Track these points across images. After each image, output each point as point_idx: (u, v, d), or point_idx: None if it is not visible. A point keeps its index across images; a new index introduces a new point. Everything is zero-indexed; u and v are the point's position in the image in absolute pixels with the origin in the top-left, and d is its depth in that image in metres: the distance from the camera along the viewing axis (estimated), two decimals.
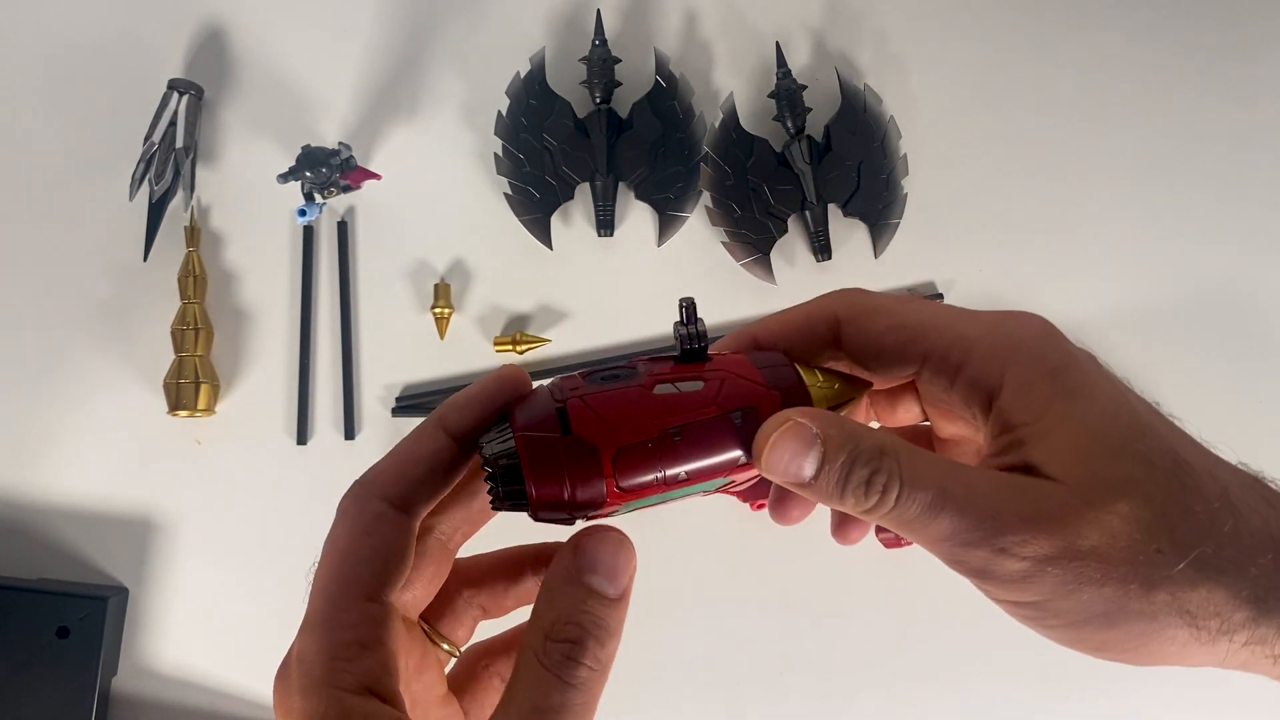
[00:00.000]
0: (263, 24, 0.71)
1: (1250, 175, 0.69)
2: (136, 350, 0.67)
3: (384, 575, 0.29)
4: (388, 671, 0.28)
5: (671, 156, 0.68)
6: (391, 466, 0.30)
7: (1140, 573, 0.26)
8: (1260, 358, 0.68)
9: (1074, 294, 0.68)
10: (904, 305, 0.32)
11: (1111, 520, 0.27)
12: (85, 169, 0.69)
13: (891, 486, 0.28)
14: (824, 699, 0.65)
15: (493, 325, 0.68)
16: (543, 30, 0.71)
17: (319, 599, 0.29)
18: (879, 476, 0.28)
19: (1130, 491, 0.27)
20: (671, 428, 0.29)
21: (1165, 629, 0.27)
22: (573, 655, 0.27)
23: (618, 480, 0.29)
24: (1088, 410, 0.28)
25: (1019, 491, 0.28)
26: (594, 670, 0.28)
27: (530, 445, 0.29)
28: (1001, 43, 0.70)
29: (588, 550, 0.29)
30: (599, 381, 0.30)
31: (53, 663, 0.61)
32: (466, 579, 0.35)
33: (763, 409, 0.30)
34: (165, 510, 0.66)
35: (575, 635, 0.27)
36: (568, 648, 0.27)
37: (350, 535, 0.29)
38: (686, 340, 0.31)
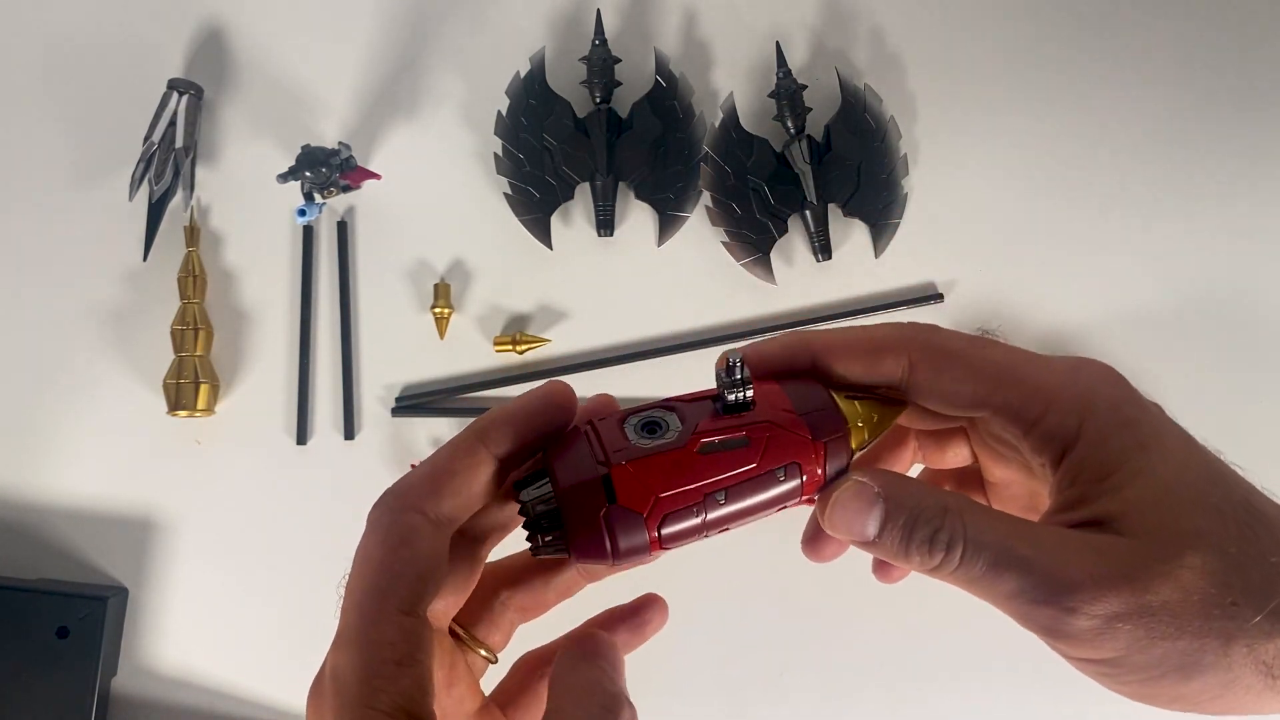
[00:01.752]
0: (263, 24, 0.71)
1: (1251, 176, 0.69)
2: (136, 350, 0.67)
3: (420, 589, 0.28)
4: (424, 691, 0.27)
5: (671, 156, 0.68)
6: (427, 478, 0.29)
7: (1216, 626, 0.26)
8: (1261, 359, 0.68)
9: (1074, 294, 0.68)
10: (980, 351, 0.31)
11: (1184, 574, 0.26)
12: (85, 169, 0.69)
13: (955, 545, 0.28)
14: (824, 699, 0.65)
15: (493, 325, 0.68)
16: (543, 30, 0.71)
17: (353, 614, 0.28)
18: (942, 535, 0.28)
19: (1202, 544, 0.27)
20: (717, 491, 0.30)
21: (1242, 679, 0.27)
22: None
23: (662, 541, 0.30)
24: (1160, 463, 0.28)
25: (1087, 548, 0.27)
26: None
27: (574, 508, 0.29)
28: (1002, 42, 0.70)
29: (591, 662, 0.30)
30: (641, 432, 0.31)
31: (53, 663, 0.61)
32: (503, 579, 0.34)
33: (805, 463, 0.30)
34: (165, 510, 0.66)
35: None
36: None
37: (384, 548, 0.28)
38: (733, 401, 0.31)
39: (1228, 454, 0.31)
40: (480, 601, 0.33)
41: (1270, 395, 0.67)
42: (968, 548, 0.28)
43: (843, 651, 0.65)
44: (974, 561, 0.28)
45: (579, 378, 0.67)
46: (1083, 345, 0.67)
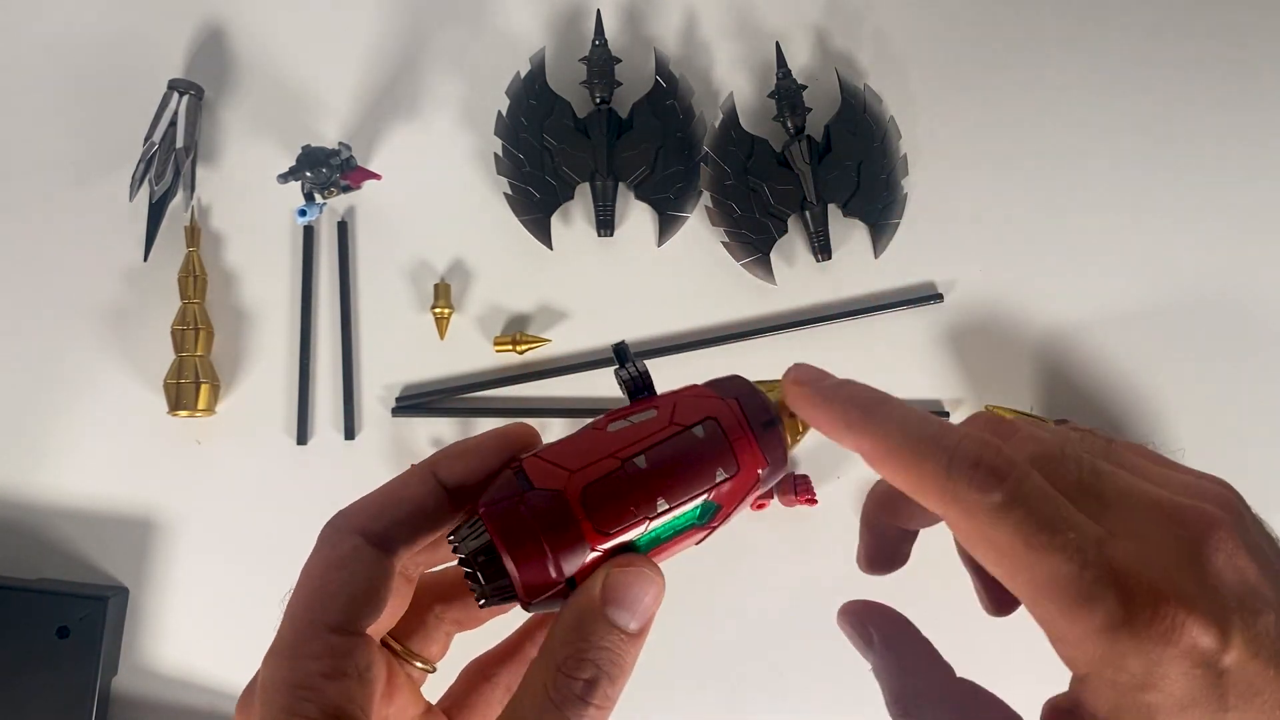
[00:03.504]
0: (263, 24, 0.71)
1: (1251, 175, 0.69)
2: (136, 350, 0.67)
3: (353, 609, 0.29)
4: (352, 701, 0.28)
5: (671, 156, 0.68)
6: (374, 503, 0.30)
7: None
8: (1260, 358, 0.68)
9: (1074, 294, 0.68)
10: (1022, 561, 0.26)
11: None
12: (85, 169, 0.69)
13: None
14: (824, 698, 0.65)
15: (493, 325, 0.68)
16: (543, 30, 0.71)
17: (287, 627, 0.29)
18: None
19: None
20: (635, 455, 0.29)
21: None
22: (585, 695, 0.26)
23: (594, 523, 0.28)
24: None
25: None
26: (601, 709, 0.27)
27: (496, 516, 0.28)
28: (1002, 42, 0.70)
29: (614, 582, 0.27)
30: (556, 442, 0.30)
31: (53, 663, 0.61)
32: (436, 594, 0.34)
33: (723, 417, 0.30)
34: (165, 510, 0.66)
35: (590, 674, 0.27)
36: (581, 686, 0.26)
37: (323, 566, 0.30)
38: (629, 382, 0.31)
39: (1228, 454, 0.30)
40: (415, 615, 0.33)
41: (1270, 394, 0.67)
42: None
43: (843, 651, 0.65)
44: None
45: (579, 378, 0.67)
46: (1082, 345, 0.67)
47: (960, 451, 0.27)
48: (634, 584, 0.28)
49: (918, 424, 0.28)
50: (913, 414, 0.28)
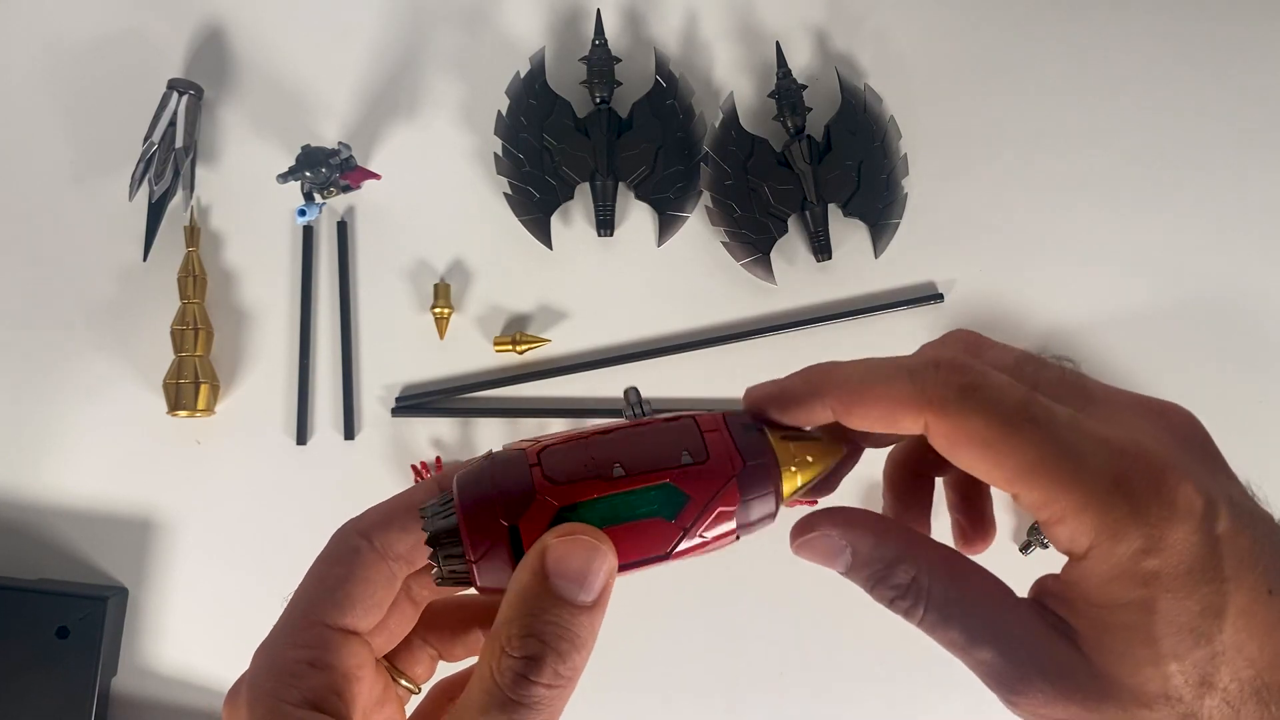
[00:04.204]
0: (263, 24, 0.71)
1: (1252, 175, 0.69)
2: (136, 350, 0.67)
3: (344, 603, 0.29)
4: (335, 691, 0.28)
5: (671, 156, 0.68)
6: (384, 509, 0.31)
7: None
8: (1260, 358, 0.68)
9: (1074, 294, 0.68)
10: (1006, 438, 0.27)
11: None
12: (85, 169, 0.69)
13: (917, 608, 0.28)
14: (824, 698, 0.65)
15: (493, 325, 0.68)
16: (543, 30, 0.71)
17: (282, 618, 0.30)
18: (903, 599, 0.28)
19: (1165, 708, 0.26)
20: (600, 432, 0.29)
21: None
22: (528, 672, 0.25)
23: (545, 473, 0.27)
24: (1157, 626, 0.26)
25: (1050, 655, 0.27)
26: (553, 688, 0.26)
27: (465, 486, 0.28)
28: (1002, 42, 0.70)
29: (556, 551, 0.26)
30: None
31: (52, 663, 0.61)
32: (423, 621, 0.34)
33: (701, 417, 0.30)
34: (165, 510, 0.66)
35: (534, 650, 0.25)
36: (524, 664, 0.25)
37: (324, 564, 0.31)
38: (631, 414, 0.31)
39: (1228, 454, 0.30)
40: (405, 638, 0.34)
41: (1271, 395, 0.67)
42: (928, 613, 0.28)
43: (842, 651, 0.65)
44: (932, 629, 0.28)
45: (579, 378, 0.67)
46: (1082, 345, 0.67)
47: (920, 363, 0.28)
48: (576, 551, 0.26)
49: (875, 362, 0.29)
50: (868, 359, 0.30)
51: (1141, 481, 0.26)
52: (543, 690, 0.25)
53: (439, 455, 0.66)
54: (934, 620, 0.28)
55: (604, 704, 0.63)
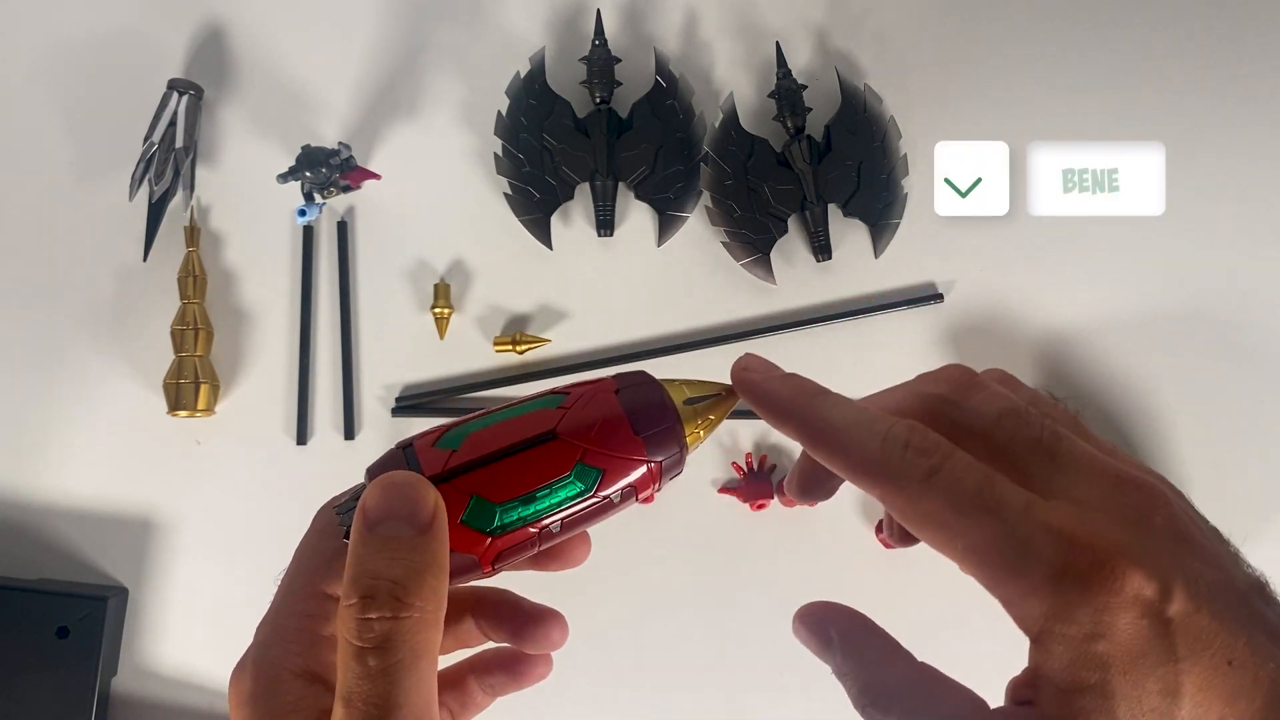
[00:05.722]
0: (263, 24, 0.71)
1: (1252, 175, 0.69)
2: (136, 350, 0.67)
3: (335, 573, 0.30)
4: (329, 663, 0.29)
5: (671, 156, 0.68)
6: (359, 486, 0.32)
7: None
8: (1261, 359, 0.68)
9: (1074, 294, 0.68)
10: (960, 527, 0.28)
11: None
12: (85, 169, 0.69)
13: None
14: (824, 698, 0.65)
15: (492, 325, 0.68)
16: (542, 30, 0.71)
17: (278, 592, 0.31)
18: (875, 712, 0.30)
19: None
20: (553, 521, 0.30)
21: None
22: (366, 612, 0.25)
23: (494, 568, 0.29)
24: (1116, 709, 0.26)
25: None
26: (399, 619, 0.25)
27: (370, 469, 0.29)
28: (1002, 42, 0.70)
29: (369, 500, 0.27)
30: None
31: (53, 663, 0.61)
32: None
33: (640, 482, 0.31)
34: (165, 510, 0.66)
35: (366, 589, 0.25)
36: (361, 605, 0.25)
37: (314, 537, 0.32)
38: None
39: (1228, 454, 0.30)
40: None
41: (1270, 396, 0.67)
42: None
43: None
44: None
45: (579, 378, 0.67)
46: (1082, 346, 0.67)
47: (892, 434, 0.28)
48: (386, 491, 0.27)
49: (855, 411, 0.30)
50: (852, 404, 0.30)
51: (1087, 570, 0.26)
52: (388, 623, 0.25)
53: None
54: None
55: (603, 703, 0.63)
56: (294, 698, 0.28)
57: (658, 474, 0.31)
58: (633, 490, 0.31)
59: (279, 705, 0.28)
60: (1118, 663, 0.26)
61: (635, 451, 0.30)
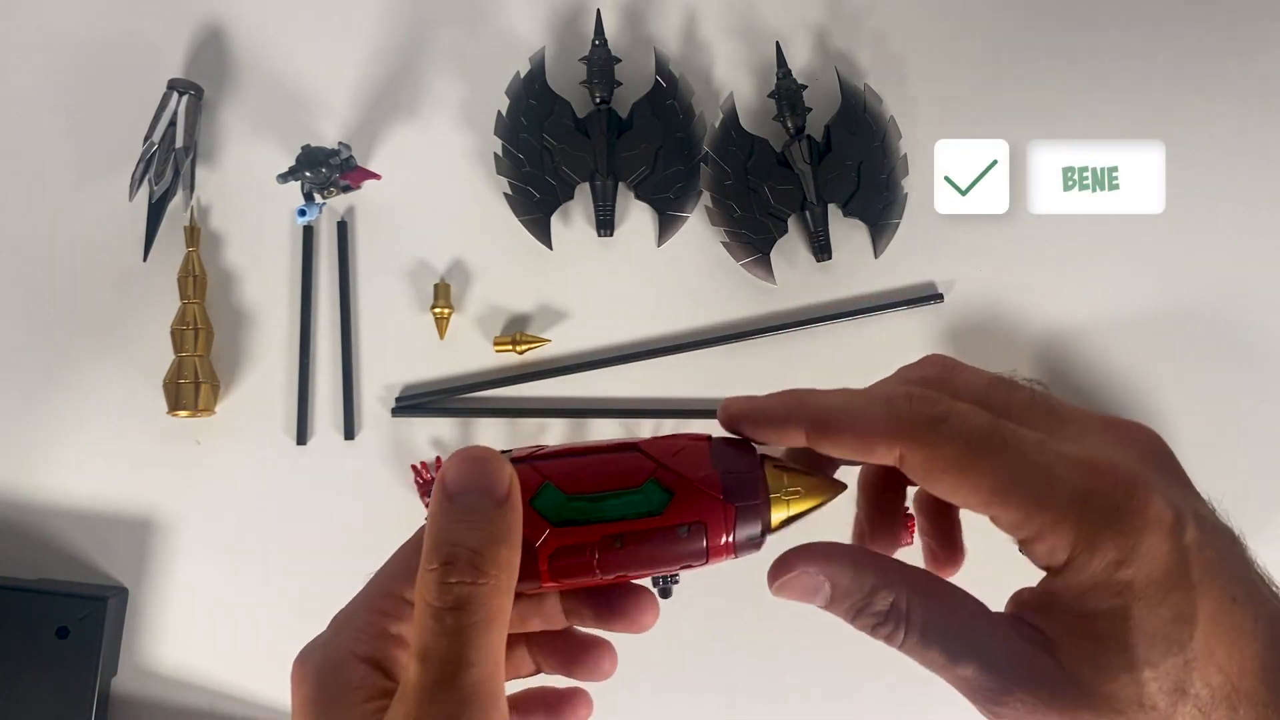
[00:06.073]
0: (263, 24, 0.71)
1: (1251, 173, 0.69)
2: (136, 350, 0.67)
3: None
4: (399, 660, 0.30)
5: (671, 156, 0.68)
6: None
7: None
8: (1261, 359, 0.68)
9: (1074, 294, 0.68)
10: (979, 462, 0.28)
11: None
12: (85, 169, 0.69)
13: (896, 636, 0.29)
14: (824, 699, 0.65)
15: (492, 325, 0.68)
16: (543, 30, 0.71)
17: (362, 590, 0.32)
18: (884, 627, 0.29)
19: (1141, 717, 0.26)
20: (615, 534, 0.29)
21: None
22: (446, 577, 0.27)
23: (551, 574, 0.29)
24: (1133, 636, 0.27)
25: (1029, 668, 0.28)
26: (477, 584, 0.27)
27: None
28: (1002, 41, 0.70)
29: (448, 473, 0.28)
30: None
31: (52, 663, 0.61)
32: None
33: (711, 524, 0.30)
34: (165, 510, 0.66)
35: (446, 556, 0.27)
36: (442, 571, 0.27)
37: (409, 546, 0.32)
38: None
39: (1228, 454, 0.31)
40: None
41: (1270, 396, 0.67)
42: (909, 637, 0.29)
43: (843, 652, 0.65)
44: (914, 650, 0.29)
45: (579, 378, 0.67)
46: (1082, 345, 0.67)
47: (894, 397, 0.29)
48: (463, 464, 0.28)
49: (851, 393, 0.31)
50: (844, 389, 0.31)
51: (1113, 495, 0.27)
52: (467, 588, 0.27)
53: (439, 455, 0.66)
54: (915, 643, 0.29)
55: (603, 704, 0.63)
56: (357, 678, 0.29)
57: (731, 522, 0.30)
58: (702, 531, 0.30)
59: (342, 683, 0.29)
60: (1138, 587, 0.26)
61: (710, 485, 0.30)
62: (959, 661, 0.28)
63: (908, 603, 0.29)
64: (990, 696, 0.28)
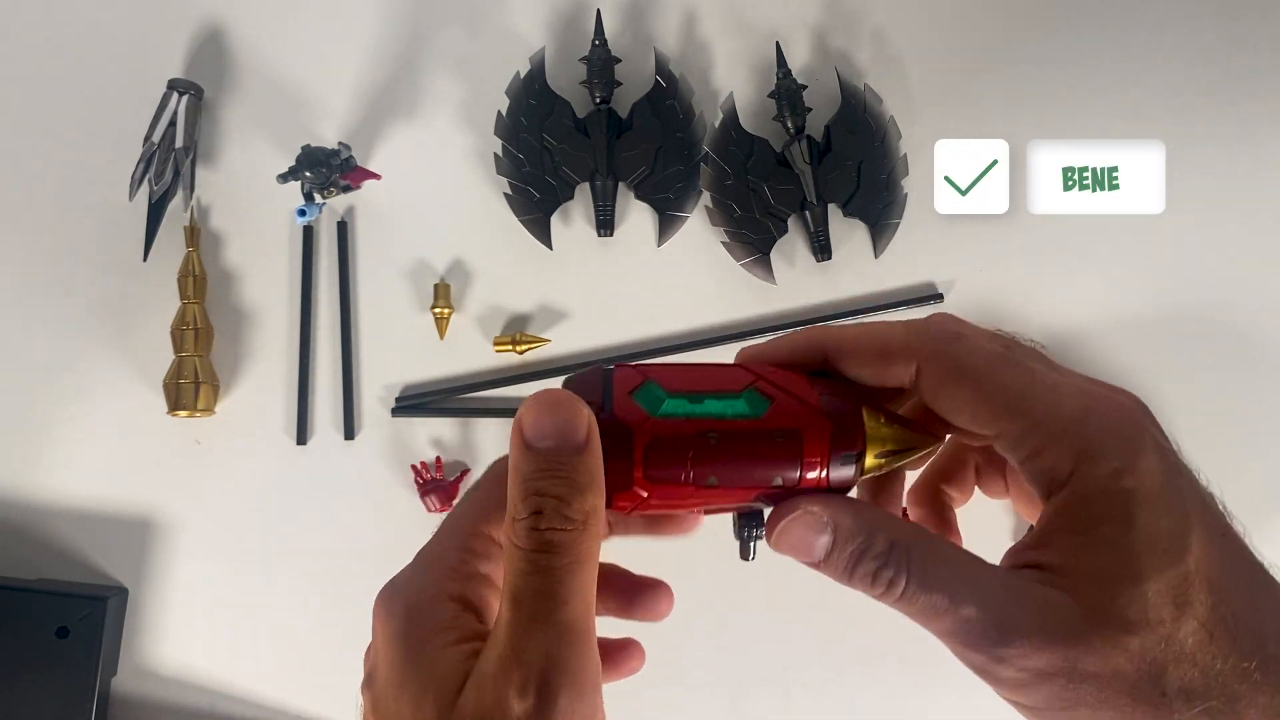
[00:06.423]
0: (263, 24, 0.71)
1: (1252, 173, 0.69)
2: (136, 350, 0.67)
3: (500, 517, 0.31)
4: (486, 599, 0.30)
5: (671, 156, 0.68)
6: None
7: (1142, 710, 0.26)
8: (1261, 360, 0.68)
9: (1074, 294, 0.68)
10: (992, 373, 0.30)
11: (1118, 655, 0.26)
12: (85, 169, 0.69)
13: (898, 582, 0.29)
14: (827, 695, 0.65)
15: (492, 325, 0.68)
16: (542, 30, 0.71)
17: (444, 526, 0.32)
18: (885, 571, 0.29)
19: (1147, 633, 0.26)
20: (711, 430, 0.29)
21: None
22: (538, 524, 0.27)
23: (645, 466, 0.29)
24: (1134, 543, 0.27)
25: (1032, 600, 0.28)
26: (566, 530, 0.27)
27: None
28: (1002, 40, 0.70)
29: (526, 417, 0.28)
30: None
31: (52, 663, 0.61)
32: None
33: (806, 433, 0.30)
34: (165, 510, 0.66)
35: (536, 505, 0.27)
36: (532, 519, 0.27)
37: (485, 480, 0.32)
38: None
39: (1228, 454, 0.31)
40: None
41: (1271, 396, 0.67)
42: (910, 584, 0.29)
43: (845, 647, 0.65)
44: (915, 598, 0.29)
45: None
46: (1082, 345, 0.67)
47: (913, 321, 0.32)
48: (542, 410, 0.28)
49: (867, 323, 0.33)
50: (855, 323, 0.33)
51: (1113, 416, 0.29)
52: (556, 534, 0.27)
53: (439, 455, 0.66)
54: (916, 587, 0.28)
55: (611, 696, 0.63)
56: (449, 617, 0.29)
57: (826, 439, 0.30)
58: (798, 441, 0.29)
59: (433, 622, 0.29)
60: (1139, 496, 0.28)
61: (809, 397, 0.30)
62: (961, 603, 0.28)
63: (907, 545, 0.29)
64: (995, 638, 0.27)
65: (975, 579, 0.28)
